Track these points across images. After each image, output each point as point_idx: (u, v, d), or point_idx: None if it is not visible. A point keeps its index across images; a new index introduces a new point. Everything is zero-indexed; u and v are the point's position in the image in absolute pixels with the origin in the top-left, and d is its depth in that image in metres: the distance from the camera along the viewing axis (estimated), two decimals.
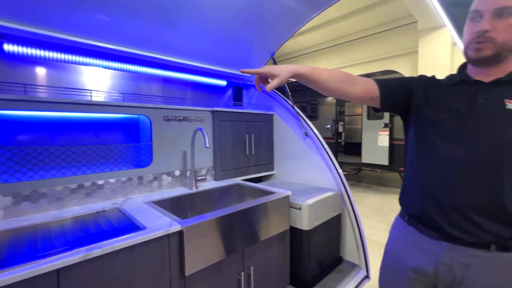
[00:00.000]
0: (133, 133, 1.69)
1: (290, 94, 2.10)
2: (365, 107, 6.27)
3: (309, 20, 1.89)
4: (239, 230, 1.19)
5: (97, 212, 1.18)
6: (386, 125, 5.85)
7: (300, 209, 1.47)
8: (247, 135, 2.02)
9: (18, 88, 1.24)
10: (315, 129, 1.93)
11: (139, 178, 1.50)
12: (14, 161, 1.19)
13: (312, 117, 7.60)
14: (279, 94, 2.22)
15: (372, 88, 0.86)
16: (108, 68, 1.60)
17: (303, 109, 7.89)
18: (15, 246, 0.83)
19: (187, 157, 1.70)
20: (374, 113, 6.22)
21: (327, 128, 7.12)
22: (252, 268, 1.26)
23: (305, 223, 1.46)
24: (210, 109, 1.84)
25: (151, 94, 1.86)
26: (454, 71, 0.86)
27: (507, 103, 0.70)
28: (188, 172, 1.69)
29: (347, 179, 1.74)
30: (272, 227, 1.37)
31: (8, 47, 1.25)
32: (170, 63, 1.79)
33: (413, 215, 0.84)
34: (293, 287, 1.50)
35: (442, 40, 7.46)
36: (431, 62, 7.69)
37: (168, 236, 0.97)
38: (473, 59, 0.75)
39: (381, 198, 5.41)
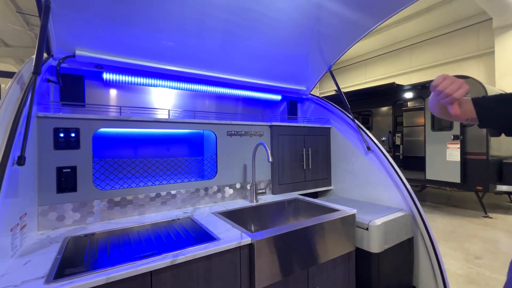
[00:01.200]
0: (197, 147, 1.84)
1: (349, 106, 2.03)
2: (428, 117, 5.65)
3: (368, 33, 1.82)
4: (304, 247, 1.17)
5: (172, 220, 1.30)
6: (456, 137, 5.14)
7: (367, 229, 1.38)
8: (304, 149, 2.01)
9: (114, 109, 1.47)
10: (379, 143, 1.81)
11: (205, 189, 1.61)
12: (110, 171, 1.41)
13: (367, 129, 7.16)
14: (336, 106, 2.17)
15: (467, 109, 0.81)
16: (173, 88, 1.78)
17: (358, 121, 7.49)
18: (115, 246, 0.96)
19: (247, 170, 1.77)
20: (439, 123, 5.55)
21: (383, 141, 6.60)
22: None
23: (373, 245, 1.36)
24: (268, 123, 1.89)
25: (205, 110, 1.99)
26: None
27: None
28: (248, 185, 1.75)
29: None
30: (337, 247, 1.31)
31: (106, 76, 1.51)
32: (226, 81, 1.90)
33: None
34: None
35: None
36: (510, 64, 6.60)
37: (239, 248, 1.01)
38: None
39: (452, 221, 4.71)
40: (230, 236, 1.04)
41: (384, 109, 6.73)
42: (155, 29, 1.34)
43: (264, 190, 1.68)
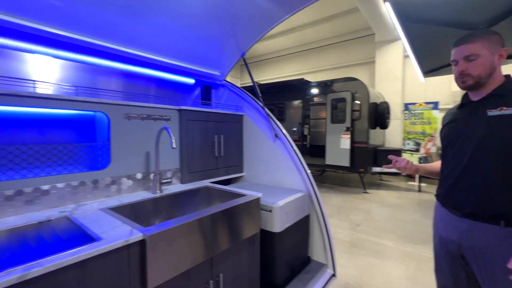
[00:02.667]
0: (88, 132, 1.51)
1: (260, 95, 2.08)
2: (328, 111, 6.58)
3: (280, 22, 1.89)
4: (208, 236, 1.13)
5: (40, 223, 1.01)
6: (348, 129, 6.20)
7: (271, 211, 1.45)
8: (216, 136, 1.95)
9: None
10: (285, 131, 1.93)
11: (94, 182, 1.34)
12: None
13: (279, 120, 7.73)
14: (249, 94, 2.20)
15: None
16: (59, 57, 1.41)
17: (271, 112, 8.01)
18: None
19: (151, 158, 1.58)
20: (337, 117, 6.56)
21: (294, 131, 7.32)
22: (221, 275, 1.20)
23: (276, 225, 1.45)
24: (177, 107, 1.73)
25: (110, 89, 1.68)
26: (406, 81, 1.27)
27: (488, 112, 1.02)
28: (152, 175, 1.57)
29: None
30: (242, 231, 1.33)
31: None
32: (133, 56, 1.65)
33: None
34: None
35: (395, 52, 8.19)
36: (386, 72, 8.39)
37: (128, 246, 0.87)
38: (462, 88, 1.11)
39: (343, 198, 5.71)
40: (117, 234, 0.88)
41: (296, 102, 7.43)
42: None
43: (170, 180, 1.54)
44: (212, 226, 1.15)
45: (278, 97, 7.69)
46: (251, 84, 2.21)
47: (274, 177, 2.01)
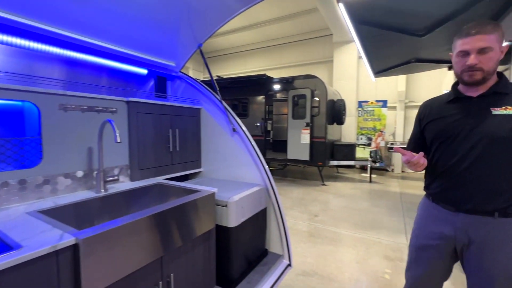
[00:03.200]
0: (15, 125, 1.31)
1: (218, 89, 2.03)
2: (290, 107, 6.77)
3: (238, 14, 1.86)
4: (157, 235, 1.06)
5: None
6: (307, 124, 6.46)
7: (226, 206, 1.43)
8: (170, 130, 1.85)
9: None
10: (243, 125, 1.92)
11: (20, 182, 1.17)
12: None
13: (243, 115, 7.73)
14: (206, 87, 2.13)
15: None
16: None
17: (234, 107, 7.94)
18: None
19: (94, 154, 1.43)
20: (297, 113, 6.79)
21: (257, 126, 7.37)
22: (172, 275, 1.14)
23: (231, 220, 1.43)
24: (124, 99, 1.59)
25: (52, 77, 1.48)
26: (360, 81, 1.16)
27: (492, 110, 1.02)
28: (95, 172, 1.42)
29: (275, 175, 1.81)
30: (196, 228, 1.28)
31: None
32: (77, 42, 1.46)
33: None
34: (219, 287, 1.45)
35: (351, 53, 8.73)
36: (342, 72, 8.92)
37: (56, 253, 0.77)
38: (468, 83, 1.07)
39: (303, 190, 5.96)
40: (42, 240, 0.77)
41: (259, 98, 7.48)
42: None
43: (116, 177, 1.42)
44: (161, 224, 1.09)
45: (241, 92, 7.65)
46: (214, 78, 2.15)
47: (232, 172, 1.99)
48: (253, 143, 1.86)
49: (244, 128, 1.90)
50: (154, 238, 1.05)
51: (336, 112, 6.96)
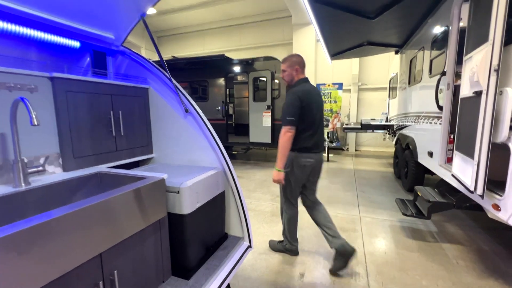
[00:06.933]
0: None
1: (166, 65, 1.84)
2: (251, 90, 6.67)
3: None
4: (92, 230, 0.92)
5: None
6: (268, 107, 6.47)
7: (178, 192, 1.33)
8: (112, 112, 1.63)
9: None
10: (196, 106, 1.78)
11: None
12: None
13: (202, 99, 7.41)
14: (154, 64, 1.91)
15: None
16: None
17: (194, 90, 7.55)
18: None
19: (8, 141, 1.18)
20: (258, 95, 6.73)
21: (218, 110, 7.16)
22: (116, 272, 1.02)
23: (184, 207, 1.33)
24: (47, 74, 1.33)
25: None
26: (318, 64, 4.20)
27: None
28: (12, 163, 1.18)
29: (238, 159, 1.74)
30: (143, 218, 1.16)
31: None
32: None
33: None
34: (176, 277, 1.37)
35: (309, 36, 8.83)
36: (301, 54, 9.03)
37: None
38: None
39: (265, 172, 6.05)
40: None
41: (220, 80, 7.21)
42: None
43: (41, 168, 1.20)
44: (98, 217, 0.94)
45: (200, 74, 7.28)
46: (171, 58, 1.92)
47: (187, 156, 1.86)
48: (209, 125, 1.75)
49: (197, 108, 1.76)
50: (90, 234, 0.91)
51: None
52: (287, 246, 2.50)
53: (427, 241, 2.84)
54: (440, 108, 3.03)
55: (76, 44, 1.79)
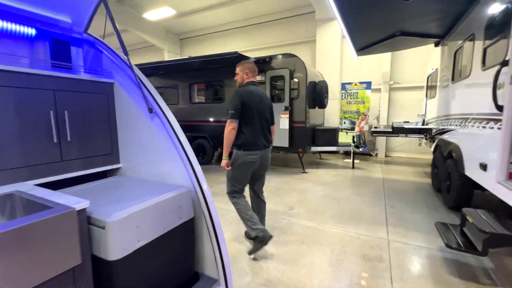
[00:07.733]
0: None
1: (127, 50, 1.46)
2: (268, 90, 6.21)
3: None
4: None
5: None
6: (286, 108, 5.95)
7: (104, 228, 0.92)
8: (52, 112, 1.29)
9: None
10: (164, 103, 1.38)
11: None
12: None
13: (218, 100, 7.11)
14: (120, 55, 1.55)
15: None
16: None
17: (213, 92, 7.27)
18: None
19: None
20: (276, 96, 6.25)
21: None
22: None
23: (111, 249, 0.92)
24: None
25: None
26: (344, 62, 5.49)
27: None
28: None
29: None
30: (40, 269, 0.77)
31: None
32: None
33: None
34: None
35: (334, 31, 8.12)
36: (325, 52, 8.33)
37: None
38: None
39: (281, 179, 5.53)
40: None
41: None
42: None
43: None
44: None
45: (216, 74, 6.99)
46: (189, 59, 1.57)
47: (156, 169, 1.47)
48: (176, 128, 1.33)
49: (164, 108, 1.36)
50: None
51: (317, 95, 6.45)
52: (256, 236, 2.41)
53: (480, 283, 2.14)
54: (499, 108, 2.32)
55: (31, 31, 1.49)
